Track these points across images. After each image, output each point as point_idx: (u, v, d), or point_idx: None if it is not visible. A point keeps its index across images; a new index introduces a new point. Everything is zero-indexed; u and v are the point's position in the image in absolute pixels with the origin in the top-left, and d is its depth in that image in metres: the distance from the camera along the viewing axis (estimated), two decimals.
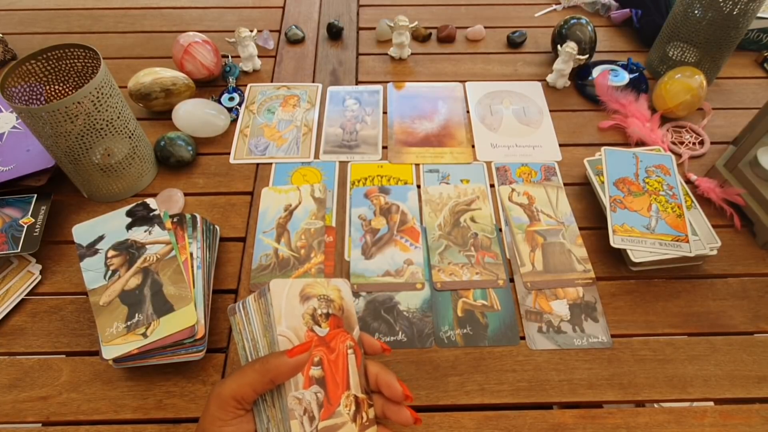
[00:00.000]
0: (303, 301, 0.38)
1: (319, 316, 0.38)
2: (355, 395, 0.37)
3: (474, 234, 0.60)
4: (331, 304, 0.39)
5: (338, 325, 0.39)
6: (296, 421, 0.35)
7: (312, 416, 0.35)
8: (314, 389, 0.36)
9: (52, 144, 0.55)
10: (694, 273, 0.57)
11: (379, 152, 0.69)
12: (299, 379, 0.36)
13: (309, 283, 0.39)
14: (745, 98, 0.76)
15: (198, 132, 0.69)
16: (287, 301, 0.37)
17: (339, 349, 0.38)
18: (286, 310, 0.37)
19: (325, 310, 0.38)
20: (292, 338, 0.36)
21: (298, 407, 0.35)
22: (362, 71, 0.81)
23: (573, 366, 0.50)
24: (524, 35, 0.85)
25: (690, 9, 0.70)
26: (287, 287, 0.38)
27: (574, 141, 0.71)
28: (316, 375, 0.36)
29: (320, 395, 0.36)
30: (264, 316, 0.37)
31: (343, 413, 0.36)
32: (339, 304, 0.39)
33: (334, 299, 0.39)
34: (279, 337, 0.36)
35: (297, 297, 0.38)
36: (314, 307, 0.38)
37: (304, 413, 0.35)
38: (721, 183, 0.62)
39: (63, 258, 0.58)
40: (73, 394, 0.48)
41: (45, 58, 0.58)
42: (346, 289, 0.40)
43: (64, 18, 0.91)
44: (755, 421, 0.47)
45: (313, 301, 0.38)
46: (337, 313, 0.39)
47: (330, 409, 0.36)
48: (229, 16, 0.91)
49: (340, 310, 0.39)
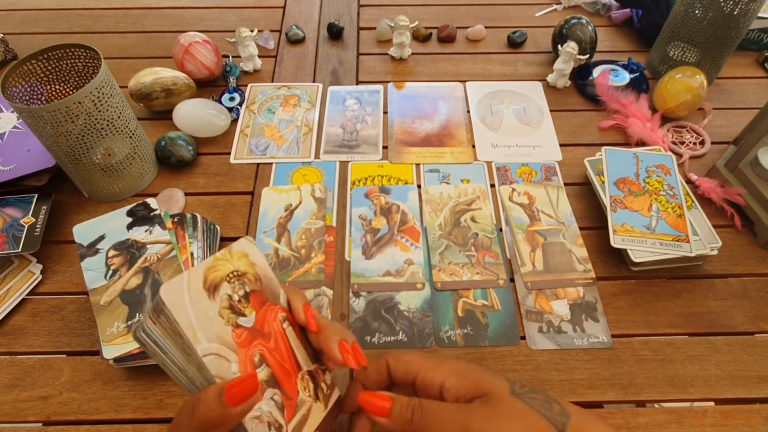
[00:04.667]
0: (212, 295, 0.30)
1: (238, 302, 0.31)
2: (308, 371, 0.33)
3: (474, 234, 0.60)
4: (244, 278, 0.31)
5: (262, 300, 0.32)
6: None
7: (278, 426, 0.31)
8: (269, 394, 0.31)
9: (52, 144, 0.55)
10: (694, 273, 0.57)
11: (380, 152, 0.69)
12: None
13: (208, 266, 0.30)
14: (745, 98, 0.76)
15: (198, 132, 0.69)
16: (193, 306, 0.29)
17: (274, 329, 0.32)
18: (197, 318, 0.28)
19: (241, 291, 0.31)
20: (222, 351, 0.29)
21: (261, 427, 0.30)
22: (363, 71, 0.81)
23: (573, 366, 0.50)
24: (525, 35, 0.85)
25: (691, 9, 0.70)
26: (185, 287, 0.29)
27: (575, 141, 0.71)
28: (264, 377, 0.31)
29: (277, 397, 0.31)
30: (176, 338, 0.28)
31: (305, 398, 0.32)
32: (253, 273, 0.32)
33: (245, 271, 0.32)
34: (205, 359, 0.28)
35: (202, 293, 0.29)
36: (228, 295, 0.30)
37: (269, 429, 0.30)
38: (721, 183, 0.62)
39: (64, 258, 0.58)
40: (73, 394, 0.48)
41: (46, 58, 0.59)
42: (253, 249, 0.32)
43: (65, 18, 0.91)
44: (756, 421, 0.47)
45: (223, 287, 0.30)
46: (255, 287, 0.32)
47: (292, 404, 0.31)
48: (230, 16, 0.91)
49: (257, 280, 0.32)
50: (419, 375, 0.34)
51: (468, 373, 0.33)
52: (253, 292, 0.32)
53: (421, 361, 0.35)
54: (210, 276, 0.30)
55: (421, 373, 0.34)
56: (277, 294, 0.33)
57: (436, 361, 0.35)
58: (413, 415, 0.31)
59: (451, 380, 0.33)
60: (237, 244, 0.32)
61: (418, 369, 0.34)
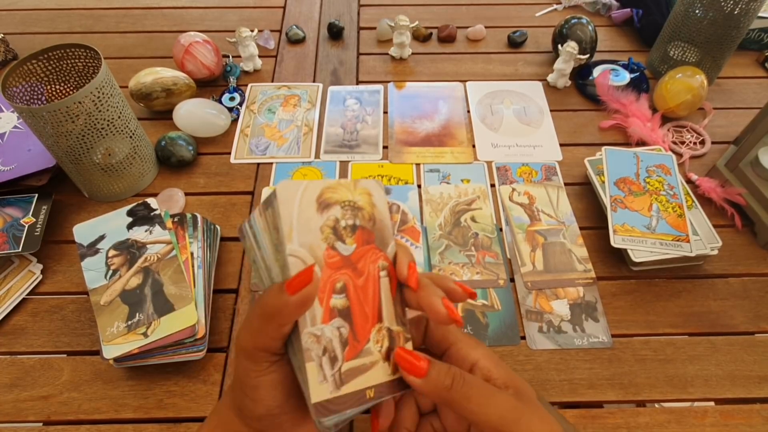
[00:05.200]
0: (321, 210, 0.30)
1: (343, 229, 0.30)
2: (389, 328, 0.31)
3: (474, 234, 0.60)
4: (359, 213, 0.31)
5: (368, 240, 0.31)
6: (313, 364, 0.28)
7: (334, 357, 0.29)
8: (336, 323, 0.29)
9: (53, 144, 0.55)
10: (694, 273, 0.57)
11: (380, 152, 0.69)
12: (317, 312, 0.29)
13: (329, 185, 0.30)
14: (746, 98, 0.76)
15: (199, 132, 0.69)
16: (300, 211, 0.29)
17: (369, 271, 0.30)
18: (299, 222, 0.29)
19: (351, 222, 0.30)
20: (307, 258, 0.29)
21: (316, 346, 0.28)
22: (363, 71, 0.81)
23: (573, 366, 0.50)
24: (525, 35, 0.85)
25: (691, 9, 0.70)
26: (300, 192, 0.29)
27: (575, 141, 0.71)
28: (339, 305, 0.29)
29: (344, 330, 0.29)
30: (273, 233, 0.29)
31: (374, 351, 0.30)
32: (369, 212, 0.31)
33: (362, 206, 0.31)
34: (289, 258, 0.28)
35: (313, 205, 0.29)
36: (336, 218, 0.30)
37: (323, 353, 0.28)
38: (722, 183, 0.62)
39: (64, 257, 0.58)
40: (73, 394, 0.48)
41: (46, 58, 0.59)
42: (379, 193, 0.32)
43: (66, 18, 0.92)
44: (756, 421, 0.47)
45: (334, 209, 0.30)
46: (366, 225, 0.31)
47: (357, 347, 0.30)
48: (230, 16, 0.91)
49: (371, 220, 0.31)
50: (455, 346, 0.33)
51: (502, 363, 0.33)
52: (362, 228, 0.31)
53: (460, 333, 0.34)
54: (326, 194, 0.30)
55: (458, 345, 0.33)
56: (386, 243, 0.32)
57: (474, 339, 0.34)
58: (454, 382, 0.29)
59: (487, 363, 0.32)
60: (365, 181, 0.31)
61: (456, 340, 0.33)
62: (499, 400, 0.29)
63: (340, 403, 0.28)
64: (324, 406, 0.28)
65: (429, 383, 0.29)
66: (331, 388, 0.28)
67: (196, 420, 0.47)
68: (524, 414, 0.30)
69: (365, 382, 0.30)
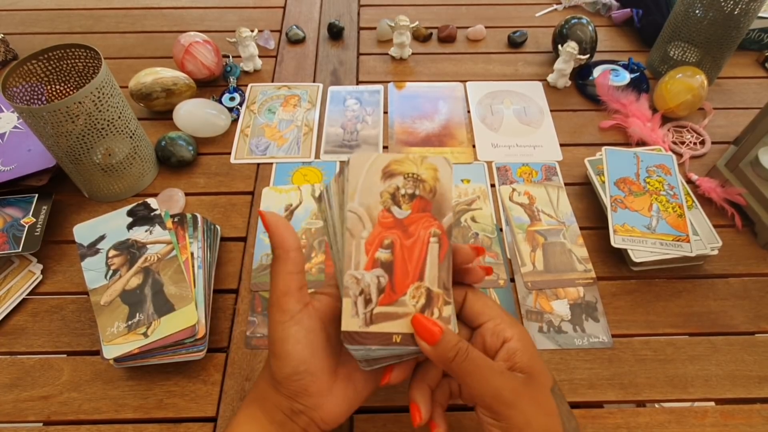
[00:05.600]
0: (385, 179, 0.34)
1: (402, 196, 0.34)
2: (428, 288, 0.33)
3: (475, 234, 0.60)
4: (420, 184, 0.34)
5: (424, 208, 0.34)
6: (349, 300, 0.32)
7: (369, 299, 0.33)
8: (377, 272, 0.33)
9: (53, 144, 0.55)
10: (695, 273, 0.57)
11: (380, 152, 0.69)
12: (361, 259, 0.33)
13: (397, 159, 0.34)
14: (746, 98, 0.76)
15: (199, 132, 0.69)
16: (366, 177, 0.34)
17: (419, 235, 0.34)
18: (363, 185, 0.33)
19: (411, 191, 0.34)
20: (363, 216, 0.33)
21: (355, 287, 0.33)
22: (363, 71, 0.81)
23: (574, 366, 0.50)
24: (525, 35, 0.85)
25: (691, 9, 0.70)
26: (369, 161, 0.34)
27: (575, 141, 0.71)
28: (382, 258, 0.33)
29: (383, 280, 0.33)
30: (341, 195, 0.34)
31: (408, 304, 0.33)
32: (431, 185, 0.35)
33: (425, 179, 0.35)
34: (348, 213, 0.33)
35: (378, 173, 0.34)
36: (397, 186, 0.34)
37: (360, 294, 0.33)
38: (722, 183, 0.62)
39: (64, 258, 0.58)
40: (74, 394, 0.48)
41: (46, 58, 0.59)
42: (446, 169, 0.35)
43: (66, 18, 0.92)
44: (756, 421, 0.47)
45: (397, 179, 0.34)
46: (426, 196, 0.34)
47: (392, 296, 0.33)
48: (230, 16, 0.91)
49: (431, 192, 0.35)
50: (493, 321, 0.35)
51: (531, 348, 0.35)
52: (421, 198, 0.34)
53: (498, 309, 0.36)
54: (392, 166, 0.34)
55: (496, 320, 0.35)
56: (443, 213, 0.34)
57: (511, 318, 0.36)
58: (457, 356, 0.31)
59: (515, 344, 0.34)
60: (433, 158, 0.35)
61: (494, 315, 0.35)
62: (497, 381, 0.32)
63: (366, 338, 0.32)
64: (351, 335, 0.32)
65: (436, 350, 0.31)
66: (360, 323, 0.32)
67: (196, 420, 0.47)
68: (522, 400, 0.32)
69: (394, 327, 0.33)
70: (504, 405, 0.32)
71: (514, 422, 0.32)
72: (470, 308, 0.36)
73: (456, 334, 0.32)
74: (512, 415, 0.32)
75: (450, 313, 0.33)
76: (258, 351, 0.51)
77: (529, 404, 0.32)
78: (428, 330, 0.31)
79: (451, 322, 0.33)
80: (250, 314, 0.53)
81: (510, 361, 0.34)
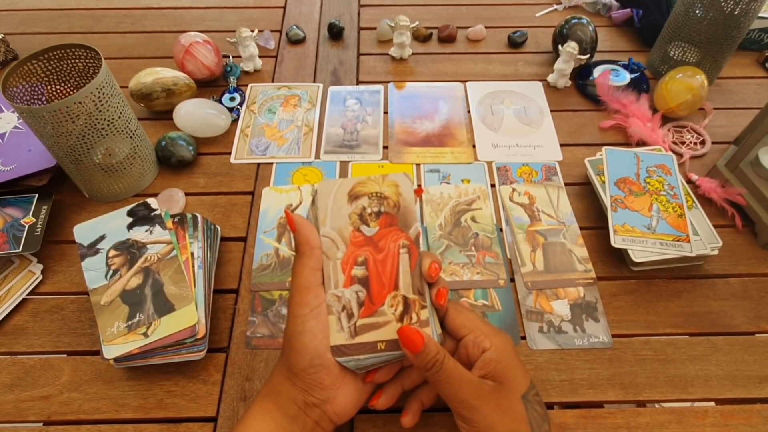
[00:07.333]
0: (351, 201, 0.37)
1: (369, 215, 0.37)
2: (404, 296, 0.36)
3: (475, 234, 0.60)
4: (384, 201, 0.38)
5: (391, 223, 0.37)
6: (333, 317, 0.35)
7: (351, 313, 0.36)
8: (355, 288, 0.36)
9: (53, 144, 0.55)
10: (695, 273, 0.57)
11: (380, 152, 0.69)
12: (339, 278, 0.36)
13: (361, 181, 0.38)
14: (746, 98, 0.76)
15: (199, 132, 0.69)
16: (334, 202, 0.37)
17: (388, 248, 0.37)
18: (332, 210, 0.37)
19: (376, 209, 0.37)
20: (336, 239, 0.37)
21: (337, 304, 0.36)
22: (363, 71, 0.81)
23: (574, 366, 0.50)
24: (525, 35, 0.85)
25: (691, 9, 0.70)
26: (335, 188, 0.38)
27: (575, 141, 0.71)
28: (359, 275, 0.36)
29: (361, 294, 0.36)
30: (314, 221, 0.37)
31: (388, 312, 0.36)
32: (395, 200, 0.38)
33: (389, 196, 0.38)
34: (322, 238, 0.36)
35: (345, 197, 0.37)
36: (363, 206, 0.37)
37: (342, 310, 0.36)
38: (722, 183, 0.62)
39: (64, 258, 0.58)
40: (74, 394, 0.48)
41: (46, 58, 0.59)
42: (406, 184, 0.38)
43: (66, 18, 0.92)
44: (756, 421, 0.47)
45: (362, 200, 0.37)
46: (391, 211, 0.37)
47: (371, 308, 0.36)
48: (230, 16, 0.91)
49: (396, 207, 0.38)
50: (473, 333, 0.38)
51: (507, 357, 0.38)
52: (386, 213, 0.37)
53: (478, 321, 0.39)
54: (357, 188, 0.38)
55: (476, 333, 0.38)
56: (409, 225, 0.38)
57: (492, 329, 0.39)
58: (433, 366, 0.35)
59: (493, 354, 0.38)
60: (394, 175, 0.38)
61: (474, 328, 0.39)
62: (465, 389, 0.36)
63: (353, 349, 0.35)
64: (339, 349, 0.35)
65: (417, 359, 0.35)
66: (347, 336, 0.35)
67: (196, 420, 0.47)
68: (486, 405, 0.36)
69: (377, 336, 0.36)
70: (468, 409, 0.36)
71: (479, 425, 0.36)
72: (452, 322, 0.39)
73: (437, 343, 0.35)
74: (476, 419, 0.36)
75: (428, 316, 0.36)
76: (258, 351, 0.51)
77: (493, 410, 0.36)
78: (411, 341, 0.34)
79: (430, 324, 0.36)
80: (250, 314, 0.53)
81: (485, 369, 0.37)
